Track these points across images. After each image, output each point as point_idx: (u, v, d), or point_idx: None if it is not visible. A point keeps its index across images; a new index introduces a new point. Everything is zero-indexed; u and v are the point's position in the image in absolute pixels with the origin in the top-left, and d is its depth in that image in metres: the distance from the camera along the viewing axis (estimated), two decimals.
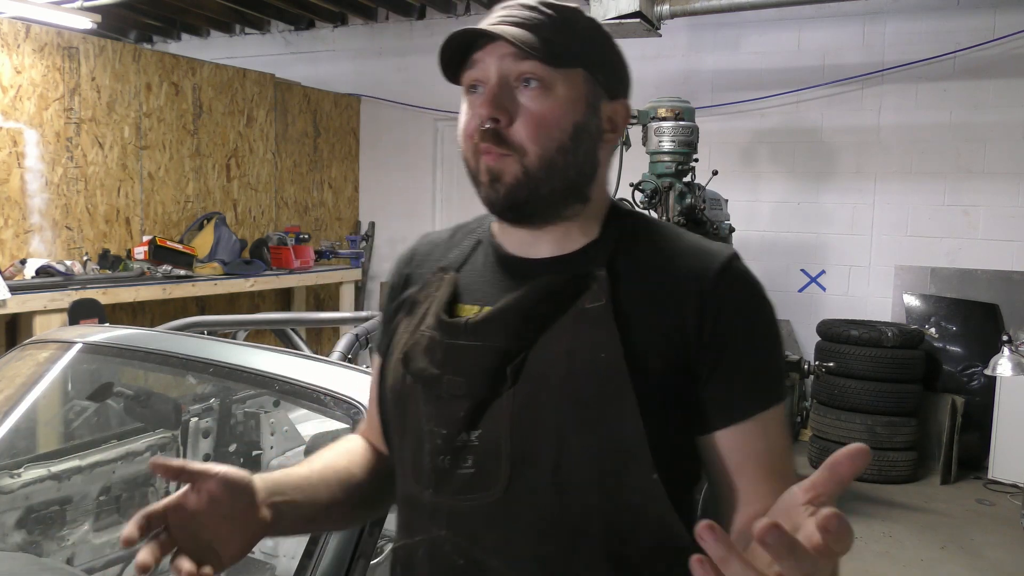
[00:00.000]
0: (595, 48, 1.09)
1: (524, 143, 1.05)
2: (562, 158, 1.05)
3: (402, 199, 7.74)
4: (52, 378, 2.32)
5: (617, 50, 1.12)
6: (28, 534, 2.27)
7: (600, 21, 5.08)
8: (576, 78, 1.06)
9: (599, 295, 1.03)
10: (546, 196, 1.07)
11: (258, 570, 2.53)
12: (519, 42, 1.04)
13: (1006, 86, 5.59)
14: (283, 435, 2.75)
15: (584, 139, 1.07)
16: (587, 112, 1.07)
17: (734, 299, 1.04)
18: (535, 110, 1.04)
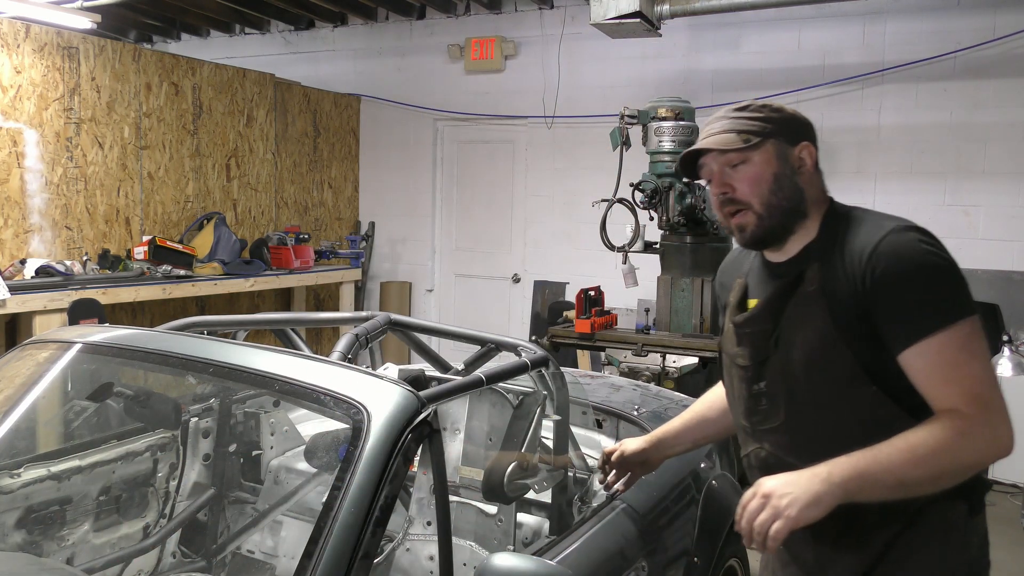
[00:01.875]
0: (771, 123, 1.65)
1: (747, 197, 1.64)
2: (775, 197, 1.62)
3: (402, 199, 7.75)
4: (52, 378, 2.32)
5: (787, 115, 1.68)
6: (28, 534, 2.27)
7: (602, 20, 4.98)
8: (765, 147, 1.63)
9: (813, 282, 1.59)
10: (775, 227, 1.65)
11: (258, 570, 2.53)
12: (723, 145, 1.64)
13: (1006, 86, 5.59)
14: (283, 435, 2.75)
15: (783, 180, 1.63)
16: (778, 163, 1.63)
17: (885, 259, 1.50)
18: (746, 176, 1.63)
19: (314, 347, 5.63)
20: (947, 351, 1.44)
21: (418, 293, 7.76)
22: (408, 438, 1.70)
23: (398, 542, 2.19)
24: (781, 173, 1.62)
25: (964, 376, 1.44)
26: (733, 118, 1.65)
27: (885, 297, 1.48)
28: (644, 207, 4.97)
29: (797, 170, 1.64)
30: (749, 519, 1.42)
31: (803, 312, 1.58)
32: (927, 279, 1.48)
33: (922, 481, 1.42)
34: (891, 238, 1.52)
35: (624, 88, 6.55)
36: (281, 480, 2.65)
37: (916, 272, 1.48)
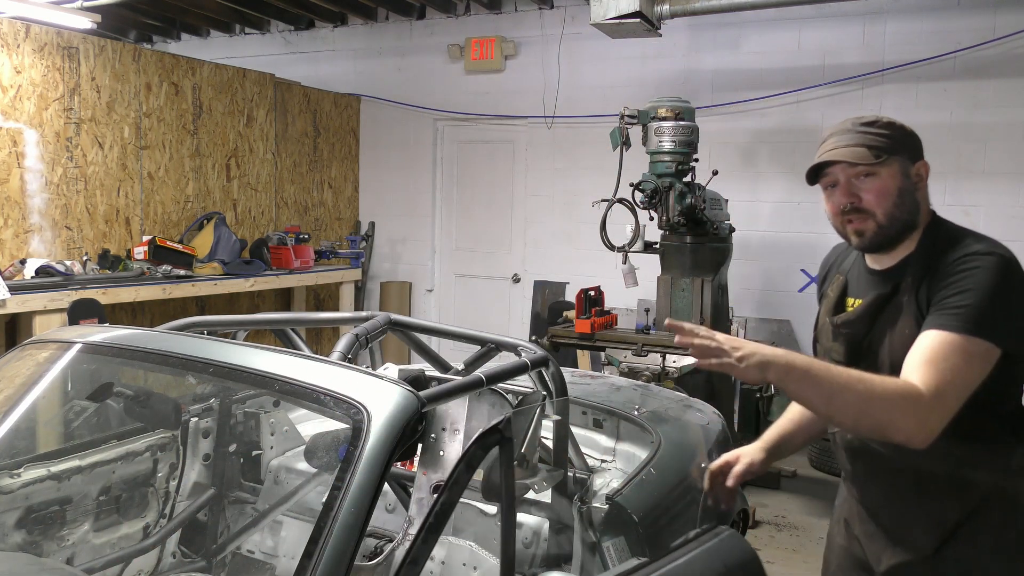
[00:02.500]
0: (897, 140, 1.82)
1: (873, 208, 1.78)
2: (897, 210, 1.78)
3: (402, 199, 7.75)
4: (52, 378, 2.32)
5: (908, 132, 1.86)
6: (28, 534, 2.26)
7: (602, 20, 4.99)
8: (892, 162, 1.79)
9: (906, 292, 1.76)
10: (893, 235, 1.80)
11: (258, 570, 2.53)
12: (855, 158, 1.78)
13: (1006, 86, 5.59)
14: (283, 435, 2.75)
15: (906, 194, 1.80)
16: (902, 178, 1.80)
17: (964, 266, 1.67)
18: (874, 188, 1.78)
19: (314, 347, 5.62)
20: (949, 348, 1.60)
21: (418, 293, 7.76)
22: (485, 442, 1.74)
23: (398, 542, 2.19)
24: (904, 188, 1.79)
25: (944, 370, 1.59)
26: (863, 132, 1.81)
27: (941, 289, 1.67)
28: (644, 207, 4.97)
29: (916, 185, 1.82)
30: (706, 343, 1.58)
31: (894, 319, 1.76)
32: (974, 278, 1.64)
33: (846, 409, 1.58)
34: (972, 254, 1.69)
35: (624, 88, 6.55)
36: (281, 480, 2.65)
37: (971, 271, 1.66)
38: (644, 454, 2.71)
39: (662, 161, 4.95)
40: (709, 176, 5.00)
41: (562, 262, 6.96)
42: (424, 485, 2.27)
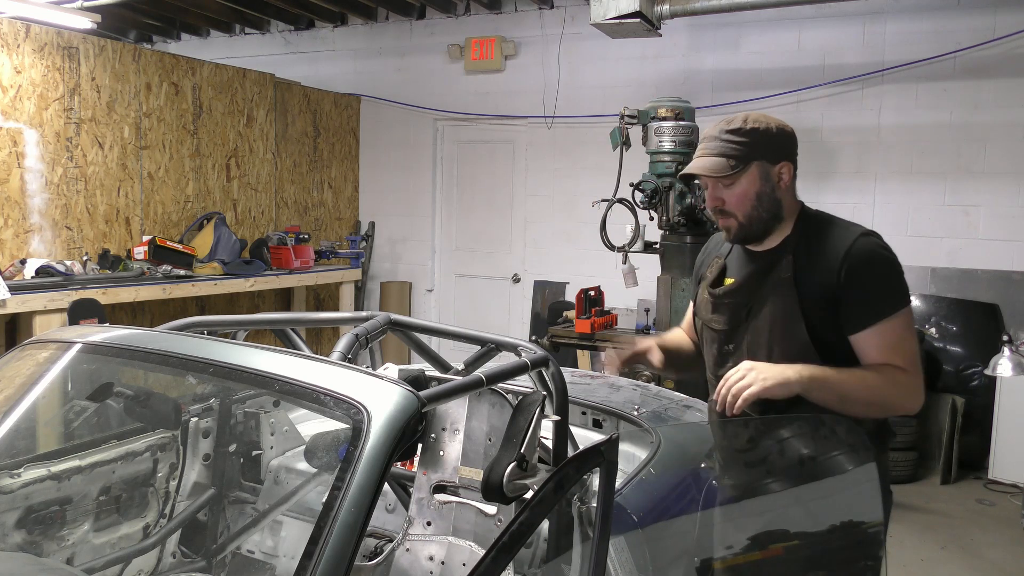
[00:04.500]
0: (757, 146, 1.96)
1: (734, 210, 2.00)
2: (756, 212, 1.99)
3: (402, 199, 7.75)
4: (52, 378, 2.32)
5: (772, 133, 1.98)
6: (28, 534, 2.26)
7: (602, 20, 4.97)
8: (750, 168, 1.96)
9: (787, 270, 1.96)
10: (756, 231, 2.02)
11: (258, 570, 2.53)
12: (712, 172, 1.97)
13: (1006, 86, 5.59)
14: (283, 435, 2.75)
15: (765, 196, 1.99)
16: (761, 182, 1.98)
17: (858, 260, 1.89)
18: (734, 193, 1.98)
19: (314, 347, 5.63)
20: (896, 331, 1.89)
21: (418, 293, 7.76)
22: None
23: (398, 542, 2.19)
24: (762, 191, 1.98)
25: (907, 349, 1.90)
26: (724, 141, 1.96)
27: (854, 289, 1.88)
28: (644, 207, 4.98)
29: (776, 185, 1.99)
30: (729, 385, 1.85)
31: (775, 292, 1.97)
32: (886, 277, 1.91)
33: (858, 403, 1.88)
34: (861, 242, 1.92)
35: (624, 88, 6.55)
36: (281, 480, 2.65)
37: (879, 271, 1.91)
38: (644, 454, 2.71)
39: (662, 161, 4.95)
40: None
41: (562, 262, 6.96)
42: (424, 485, 2.27)
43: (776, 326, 1.95)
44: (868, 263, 1.90)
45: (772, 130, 1.98)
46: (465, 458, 2.43)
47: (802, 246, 1.99)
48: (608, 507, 1.66)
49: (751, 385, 1.82)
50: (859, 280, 1.88)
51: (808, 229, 2.01)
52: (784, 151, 2.00)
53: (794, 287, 1.94)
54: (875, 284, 1.90)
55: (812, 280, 1.93)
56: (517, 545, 1.53)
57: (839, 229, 2.00)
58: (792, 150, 2.03)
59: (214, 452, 2.65)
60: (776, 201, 1.99)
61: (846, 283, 1.88)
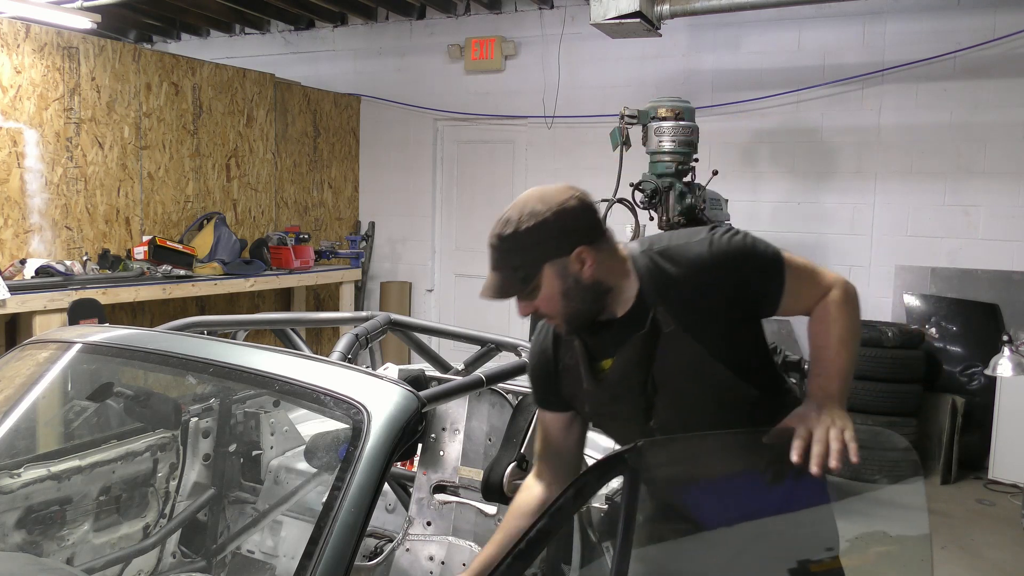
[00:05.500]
0: (539, 249, 1.64)
1: (548, 313, 1.73)
2: (571, 307, 1.68)
3: (402, 199, 7.74)
4: (52, 378, 2.32)
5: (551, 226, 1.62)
6: (28, 534, 2.26)
7: (602, 20, 4.97)
8: (544, 273, 1.65)
9: (668, 323, 1.68)
10: (584, 321, 1.72)
11: (258, 570, 2.54)
12: (506, 296, 1.72)
13: (1006, 86, 5.58)
14: (283, 435, 2.75)
15: (572, 290, 1.66)
16: (561, 277, 1.66)
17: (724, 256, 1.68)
18: (539, 300, 1.69)
19: (314, 347, 5.63)
20: (796, 278, 1.74)
21: (418, 293, 7.76)
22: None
23: (398, 542, 2.19)
24: (566, 288, 1.67)
25: (813, 280, 1.77)
26: (503, 251, 1.66)
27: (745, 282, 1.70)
28: (644, 207, 4.98)
29: (580, 272, 1.66)
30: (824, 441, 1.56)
31: (672, 351, 1.70)
32: (756, 254, 1.72)
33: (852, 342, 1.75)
34: (715, 247, 1.70)
35: (624, 88, 6.55)
36: (281, 480, 2.66)
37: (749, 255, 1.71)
38: None
39: (662, 161, 4.95)
40: (709, 176, 5.00)
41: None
42: (424, 485, 2.27)
43: (693, 383, 1.72)
44: (736, 252, 1.69)
45: (550, 221, 1.62)
46: (465, 458, 2.43)
47: (662, 291, 1.70)
48: (631, 516, 1.56)
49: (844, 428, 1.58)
50: (742, 271, 1.69)
51: (654, 271, 1.71)
52: (574, 236, 1.64)
53: (687, 336, 1.68)
54: (756, 264, 1.71)
55: (696, 314, 1.69)
56: (534, 552, 1.49)
57: (684, 247, 1.72)
58: (586, 227, 1.67)
59: (214, 452, 2.65)
60: (588, 288, 1.67)
61: (734, 281, 1.69)
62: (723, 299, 1.69)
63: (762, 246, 1.74)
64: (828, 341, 1.74)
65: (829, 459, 1.54)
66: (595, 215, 1.69)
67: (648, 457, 1.55)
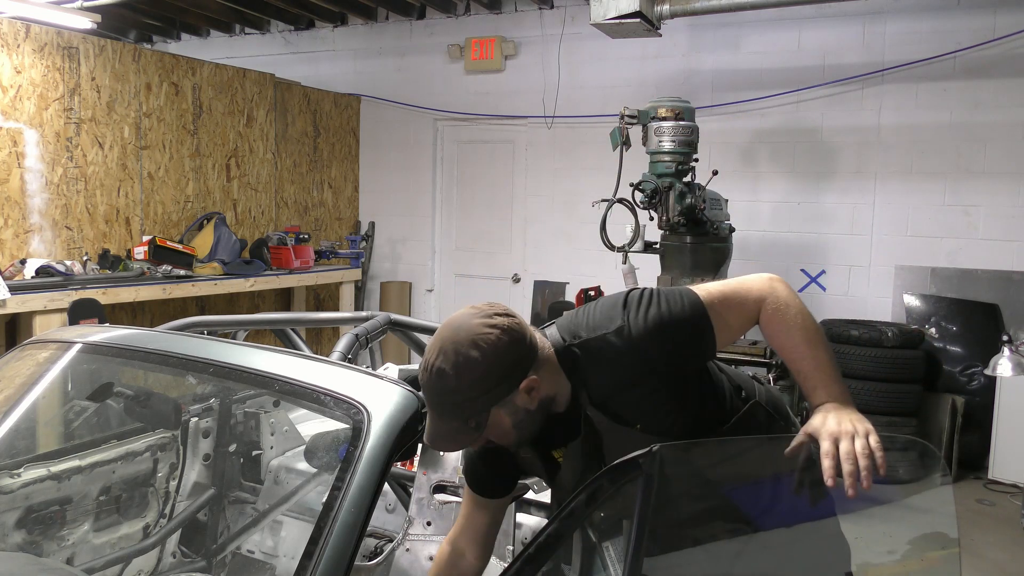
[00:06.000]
0: (485, 393, 1.56)
1: (505, 444, 1.67)
2: (524, 434, 1.65)
3: (402, 199, 7.75)
4: (52, 378, 2.32)
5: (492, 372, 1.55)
6: (28, 534, 2.26)
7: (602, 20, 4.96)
8: (494, 414, 1.58)
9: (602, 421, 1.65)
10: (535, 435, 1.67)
11: (258, 570, 2.54)
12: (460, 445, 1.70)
13: (1006, 86, 5.59)
14: (283, 435, 2.75)
15: (522, 421, 1.62)
16: (511, 413, 1.60)
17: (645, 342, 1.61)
18: (492, 435, 1.63)
19: (314, 347, 5.63)
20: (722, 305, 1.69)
21: (418, 293, 7.76)
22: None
23: (398, 542, 2.19)
24: (517, 420, 1.62)
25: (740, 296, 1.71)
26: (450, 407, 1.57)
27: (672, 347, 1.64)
28: (644, 207, 4.97)
29: (530, 401, 1.61)
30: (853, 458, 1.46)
31: (618, 443, 1.62)
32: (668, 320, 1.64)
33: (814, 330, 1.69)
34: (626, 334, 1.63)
35: (624, 88, 6.55)
36: (281, 480, 2.65)
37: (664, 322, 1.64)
38: None
39: (662, 161, 4.95)
40: (709, 176, 5.00)
41: (562, 262, 6.96)
42: (424, 485, 2.27)
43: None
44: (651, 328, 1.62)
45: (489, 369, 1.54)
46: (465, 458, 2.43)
47: (592, 391, 1.65)
48: (644, 522, 1.48)
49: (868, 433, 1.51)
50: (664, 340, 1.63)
51: (582, 372, 1.65)
52: (515, 374, 1.58)
53: (623, 428, 1.65)
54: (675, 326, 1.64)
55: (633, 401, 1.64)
56: (544, 556, 1.47)
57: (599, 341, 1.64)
58: (521, 361, 1.59)
59: (214, 452, 2.65)
60: (537, 412, 1.63)
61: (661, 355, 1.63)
62: (656, 378, 1.63)
63: (677, 307, 1.65)
64: (799, 351, 1.67)
65: (862, 480, 1.46)
66: (525, 340, 1.59)
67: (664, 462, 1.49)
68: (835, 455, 1.48)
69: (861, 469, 1.45)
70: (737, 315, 1.70)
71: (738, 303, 1.70)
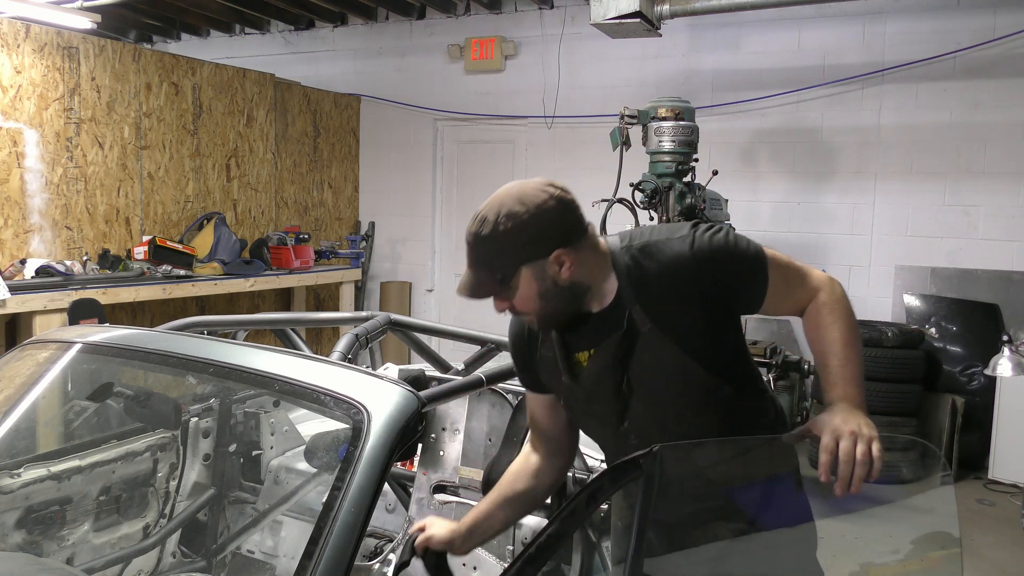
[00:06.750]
0: (517, 249, 1.62)
1: (524, 311, 1.70)
2: (548, 308, 1.66)
3: (402, 199, 7.75)
4: (52, 378, 2.32)
5: (529, 227, 1.60)
6: (28, 534, 2.26)
7: (602, 20, 4.96)
8: (521, 274, 1.64)
9: (644, 323, 1.65)
10: (563, 318, 1.70)
11: (258, 570, 2.54)
12: (484, 296, 1.71)
13: (1006, 86, 5.59)
14: (283, 435, 2.75)
15: (548, 291, 1.64)
16: (539, 280, 1.64)
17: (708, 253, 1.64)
18: (516, 299, 1.67)
19: (314, 347, 5.63)
20: (781, 276, 1.71)
21: (418, 293, 7.76)
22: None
23: (398, 542, 2.19)
24: (544, 289, 1.64)
25: (799, 279, 1.74)
26: (480, 250, 1.66)
27: (727, 280, 1.66)
28: (644, 207, 4.97)
29: (558, 274, 1.64)
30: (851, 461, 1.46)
31: (649, 352, 1.66)
32: (738, 251, 1.68)
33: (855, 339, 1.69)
34: (696, 246, 1.65)
35: (624, 88, 6.55)
36: (281, 480, 2.65)
37: (731, 252, 1.67)
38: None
39: (662, 161, 4.95)
40: (709, 176, 5.00)
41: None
42: (424, 485, 2.27)
43: (670, 385, 1.68)
44: (718, 250, 1.65)
45: (529, 223, 1.60)
46: (465, 458, 2.43)
47: (640, 290, 1.66)
48: (644, 523, 1.49)
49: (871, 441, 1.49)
50: (725, 269, 1.65)
51: (634, 269, 1.67)
52: (552, 239, 1.62)
53: (664, 336, 1.65)
54: (739, 261, 1.67)
55: (675, 314, 1.65)
56: (545, 556, 1.47)
57: (664, 244, 1.68)
58: (565, 229, 1.63)
59: (214, 452, 2.65)
60: (566, 289, 1.65)
61: (716, 279, 1.65)
62: (702, 298, 1.65)
63: (744, 244, 1.68)
64: (833, 347, 1.67)
65: (852, 484, 1.46)
66: (574, 214, 1.64)
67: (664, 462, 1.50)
68: (833, 451, 1.48)
69: (855, 476, 1.46)
70: (793, 288, 1.72)
71: (797, 279, 1.73)
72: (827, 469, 1.48)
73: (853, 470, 1.46)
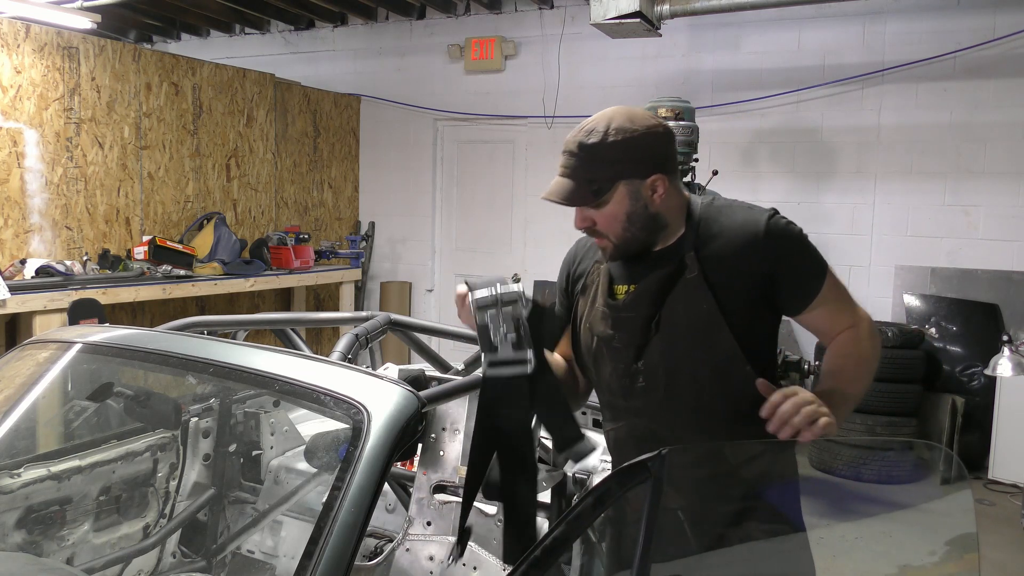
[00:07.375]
0: (621, 162, 1.66)
1: (606, 232, 1.75)
2: (629, 231, 1.73)
3: (402, 199, 7.75)
4: (52, 378, 2.32)
5: (638, 146, 1.66)
6: (28, 534, 2.26)
7: (601, 20, 4.98)
8: (617, 190, 1.68)
9: (693, 269, 1.70)
10: (635, 248, 1.76)
11: (258, 570, 2.54)
12: (574, 203, 1.72)
13: (1006, 86, 5.59)
14: (283, 435, 2.75)
15: (637, 215, 1.71)
16: (631, 200, 1.69)
17: (780, 238, 1.69)
18: (601, 214, 1.72)
19: (314, 347, 5.63)
20: (833, 294, 1.75)
21: (418, 293, 7.76)
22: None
23: (398, 542, 2.19)
24: (633, 211, 1.71)
25: (847, 305, 1.79)
26: (583, 162, 1.68)
27: (787, 268, 1.70)
28: None
29: (650, 199, 1.71)
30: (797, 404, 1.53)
31: (687, 297, 1.71)
32: (807, 250, 1.74)
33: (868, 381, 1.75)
34: (774, 221, 1.71)
35: (624, 88, 6.55)
36: (281, 480, 2.65)
37: (801, 247, 1.73)
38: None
39: None
40: (709, 176, 5.00)
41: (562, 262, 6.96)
42: (424, 485, 2.27)
43: (695, 336, 1.71)
44: (790, 239, 1.71)
45: (638, 140, 1.66)
46: (465, 458, 2.43)
47: (704, 239, 1.73)
48: (651, 527, 1.43)
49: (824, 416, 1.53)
50: (788, 258, 1.70)
51: (705, 221, 1.75)
52: (655, 162, 1.69)
53: (707, 287, 1.69)
54: (804, 258, 1.73)
55: (726, 274, 1.70)
56: (550, 560, 1.44)
57: (742, 212, 1.75)
58: (665, 156, 1.72)
59: (214, 452, 2.65)
60: (651, 216, 1.72)
61: (776, 264, 1.69)
62: (757, 274, 1.69)
63: (814, 248, 1.75)
64: (842, 375, 1.73)
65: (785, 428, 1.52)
66: (675, 147, 1.74)
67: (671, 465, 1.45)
68: (777, 405, 1.55)
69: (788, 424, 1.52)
70: (838, 308, 1.77)
71: (845, 304, 1.78)
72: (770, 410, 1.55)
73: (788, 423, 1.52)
